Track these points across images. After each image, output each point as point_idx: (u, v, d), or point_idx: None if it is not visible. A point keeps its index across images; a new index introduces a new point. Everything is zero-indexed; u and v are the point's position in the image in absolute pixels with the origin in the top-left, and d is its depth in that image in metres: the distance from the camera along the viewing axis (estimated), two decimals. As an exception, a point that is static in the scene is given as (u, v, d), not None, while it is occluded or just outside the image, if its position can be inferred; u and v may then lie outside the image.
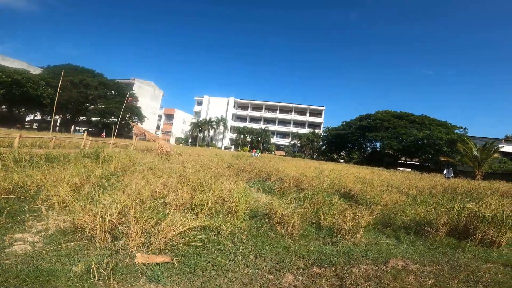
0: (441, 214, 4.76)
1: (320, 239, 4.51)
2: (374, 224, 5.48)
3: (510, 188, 11.31)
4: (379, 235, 4.93)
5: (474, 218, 4.55)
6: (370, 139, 47.58)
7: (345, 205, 6.09)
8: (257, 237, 4.19)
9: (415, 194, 9.04)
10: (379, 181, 11.51)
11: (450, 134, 37.01)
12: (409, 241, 4.62)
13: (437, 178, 16.50)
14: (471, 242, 4.34)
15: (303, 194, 7.43)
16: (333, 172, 14.16)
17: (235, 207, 5.31)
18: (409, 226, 5.15)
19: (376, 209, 5.81)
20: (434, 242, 4.47)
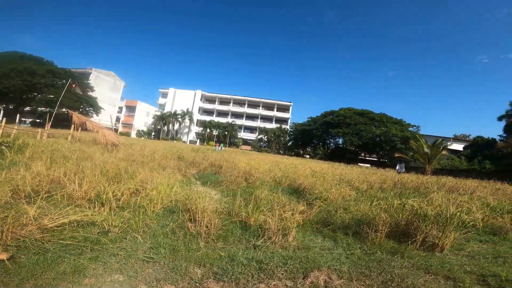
0: (380, 212, 4.28)
1: (244, 241, 3.81)
2: (314, 223, 4.94)
3: (456, 183, 11.71)
4: (316, 236, 4.35)
5: (415, 217, 4.08)
6: (333, 135, 48.94)
7: (285, 200, 5.47)
8: (158, 236, 3.40)
9: (365, 189, 8.83)
10: (333, 175, 11.27)
11: (405, 131, 39.28)
12: (346, 244, 4.07)
13: (390, 173, 16.98)
14: (412, 245, 3.86)
15: (241, 188, 6.76)
16: (289, 166, 13.77)
17: (150, 200, 4.45)
18: (350, 225, 4.64)
19: (317, 206, 5.27)
20: (373, 245, 3.94)
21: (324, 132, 49.98)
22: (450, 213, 3.94)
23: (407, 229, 4.08)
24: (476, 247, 4.20)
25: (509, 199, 8.50)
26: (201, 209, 4.07)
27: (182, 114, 69.61)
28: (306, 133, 54.21)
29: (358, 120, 46.57)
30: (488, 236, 4.82)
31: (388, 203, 4.54)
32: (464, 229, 5.45)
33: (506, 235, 4.81)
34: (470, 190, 9.92)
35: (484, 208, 6.02)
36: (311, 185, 8.03)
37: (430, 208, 4.11)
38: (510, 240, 4.55)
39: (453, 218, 3.90)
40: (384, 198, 6.43)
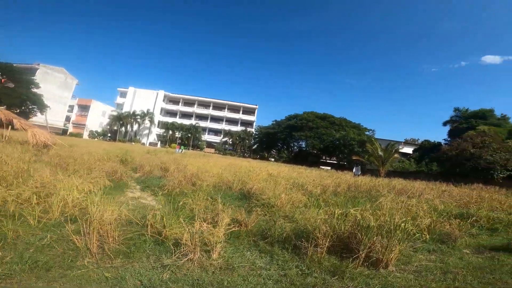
0: (319, 224, 3.74)
1: (153, 258, 3.10)
2: (252, 235, 4.28)
3: (405, 185, 12.01)
4: (251, 252, 3.68)
5: (358, 228, 3.56)
6: (297, 138, 49.71)
7: (221, 207, 4.74)
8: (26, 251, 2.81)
9: (318, 193, 8.47)
10: (288, 178, 10.85)
11: (362, 135, 41.22)
12: (283, 261, 3.45)
13: (346, 176, 17.22)
14: (355, 261, 3.35)
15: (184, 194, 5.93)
16: (247, 169, 13.13)
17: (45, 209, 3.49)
18: (290, 238, 4.05)
19: (255, 214, 4.62)
20: (312, 262, 3.35)
21: (288, 135, 50.56)
22: (394, 224, 3.48)
23: (350, 243, 3.57)
24: (424, 259, 3.84)
25: (456, 201, 8.71)
26: (98, 218, 3.19)
27: (142, 114, 65.78)
28: (270, 136, 54.42)
29: (320, 123, 47.87)
30: (437, 245, 4.54)
31: (329, 212, 4.00)
32: (413, 237, 5.25)
33: (454, 242, 4.56)
34: (418, 193, 10.11)
35: (431, 213, 5.85)
36: (260, 190, 7.42)
37: (373, 218, 3.65)
38: (459, 249, 4.30)
39: (397, 229, 3.45)
40: (334, 204, 6.02)
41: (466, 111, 37.92)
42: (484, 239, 4.96)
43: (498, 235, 5.26)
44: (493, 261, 3.62)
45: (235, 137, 64.31)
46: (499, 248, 4.26)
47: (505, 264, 3.44)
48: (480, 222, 5.98)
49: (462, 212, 6.70)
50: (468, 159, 22.76)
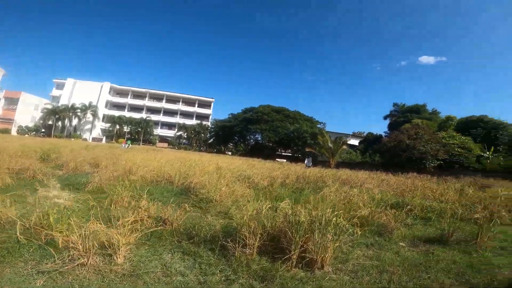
0: (246, 221, 3.32)
1: (32, 263, 2.60)
2: (177, 235, 3.72)
3: (350, 175, 12.47)
4: (173, 254, 3.17)
5: (289, 225, 3.21)
6: (252, 131, 49.80)
7: (145, 204, 4.08)
8: None
9: (265, 185, 8.20)
10: (237, 171, 10.43)
11: (314, 128, 42.99)
12: (207, 264, 2.97)
13: (297, 167, 17.51)
14: (288, 262, 3.02)
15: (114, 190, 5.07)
16: (195, 162, 12.36)
17: None
18: (218, 237, 3.58)
19: (183, 210, 4.05)
20: (239, 266, 2.95)
21: (244, 128, 50.34)
22: (326, 219, 3.18)
23: (281, 242, 3.21)
24: (362, 256, 3.69)
25: (393, 190, 9.12)
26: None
27: (83, 108, 59.38)
28: (227, 129, 53.63)
29: (275, 117, 48.57)
30: (374, 238, 4.48)
31: (256, 207, 3.60)
32: (347, 232, 5.14)
33: (391, 234, 4.54)
34: (361, 182, 10.51)
35: (371, 202, 5.87)
36: (201, 183, 6.84)
37: (306, 212, 3.34)
38: (395, 242, 4.26)
39: (328, 225, 3.15)
40: (277, 197, 5.73)
41: (403, 106, 41.85)
42: (419, 230, 5.05)
43: (431, 224, 5.41)
44: (428, 256, 3.59)
45: (190, 131, 61.99)
46: (433, 240, 4.32)
47: (439, 260, 3.41)
48: (414, 211, 6.15)
49: (398, 201, 6.90)
50: (404, 150, 25.04)
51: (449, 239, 4.21)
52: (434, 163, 24.58)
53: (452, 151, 25.65)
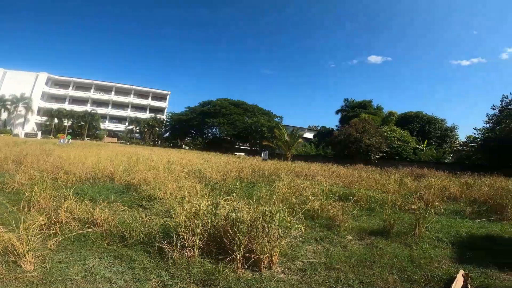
0: (182, 220, 3.03)
1: None
2: (108, 237, 3.28)
3: (303, 168, 12.78)
4: (101, 259, 2.79)
5: (231, 223, 2.98)
6: (210, 125, 48.80)
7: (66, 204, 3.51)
8: None
9: (217, 180, 7.92)
10: (189, 165, 9.95)
11: (271, 121, 43.69)
12: (142, 269, 2.66)
13: (253, 160, 17.50)
14: (232, 263, 2.82)
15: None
16: (143, 157, 11.49)
17: None
18: (155, 238, 3.23)
19: (112, 210, 3.58)
20: (178, 269, 2.69)
21: (201, 122, 49.03)
22: (269, 216, 3.01)
23: (224, 242, 2.99)
24: (311, 251, 3.66)
25: (342, 182, 9.52)
26: None
27: (13, 100, 51.70)
28: (184, 123, 51.70)
29: (233, 110, 48.15)
30: (324, 231, 4.51)
31: (195, 204, 3.31)
32: (301, 223, 5.17)
33: (339, 227, 4.60)
34: (313, 174, 10.82)
35: (321, 194, 5.96)
36: (146, 180, 6.30)
37: (249, 209, 3.16)
38: (343, 236, 4.32)
39: (272, 222, 2.97)
40: (228, 191, 5.49)
41: (353, 101, 44.74)
42: (365, 221, 5.21)
43: (375, 215, 5.61)
44: (373, 250, 3.67)
45: (143, 125, 58.18)
46: (377, 232, 4.46)
47: (383, 254, 3.49)
48: (360, 202, 6.36)
49: (346, 192, 7.15)
50: (352, 142, 26.79)
51: (391, 231, 4.38)
52: (378, 155, 26.78)
53: (393, 143, 28.28)
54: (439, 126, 33.84)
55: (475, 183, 9.03)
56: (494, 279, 2.77)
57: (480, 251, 3.60)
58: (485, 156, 22.73)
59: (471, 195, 7.48)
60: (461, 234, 4.42)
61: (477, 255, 3.44)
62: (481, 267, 3.06)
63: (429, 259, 3.33)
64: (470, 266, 3.12)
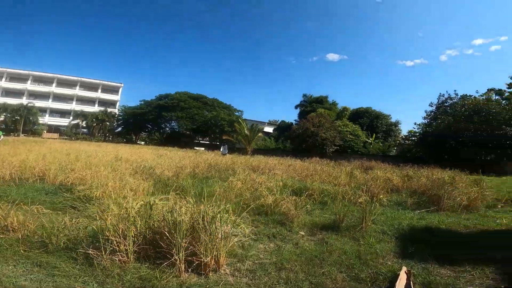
0: (109, 223, 2.70)
1: None
2: (25, 243, 2.80)
3: (261, 162, 12.78)
4: (16, 267, 2.47)
5: (169, 225, 2.69)
6: (168, 119, 46.66)
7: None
8: None
9: (169, 177, 7.44)
10: (139, 161, 9.24)
11: (232, 116, 43.29)
12: (65, 276, 2.37)
13: (213, 155, 17.11)
14: (173, 268, 2.58)
15: None
16: (83, 154, 10.38)
17: None
18: (80, 243, 2.83)
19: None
20: (109, 276, 2.40)
21: (158, 115, 46.56)
22: (212, 216, 2.78)
23: (161, 245, 2.70)
24: (263, 250, 3.53)
25: (298, 175, 9.63)
26: None
27: None
28: (138, 117, 48.54)
29: (192, 104, 46.59)
30: (277, 228, 4.42)
31: (126, 205, 2.98)
32: (257, 217, 4.89)
33: (292, 223, 4.55)
34: (270, 168, 10.84)
35: (276, 189, 5.88)
36: (83, 178, 5.63)
37: (185, 209, 2.90)
38: (295, 232, 4.27)
39: (213, 223, 2.75)
40: (177, 188, 5.10)
41: (311, 97, 46.35)
42: (317, 215, 5.26)
43: (327, 209, 5.69)
44: (324, 246, 3.66)
45: (91, 119, 53.17)
46: (328, 227, 4.50)
47: (333, 251, 3.48)
48: (314, 195, 6.46)
49: (301, 186, 7.19)
50: (309, 136, 27.83)
51: (341, 225, 4.45)
52: (333, 148, 28.25)
53: (346, 137, 30.07)
54: (385, 121, 36.86)
55: (415, 175, 9.72)
56: (435, 275, 2.85)
57: (421, 244, 3.74)
58: (423, 149, 25.36)
59: (411, 186, 8.00)
60: (403, 226, 4.60)
61: (418, 248, 3.55)
62: (422, 262, 3.15)
63: (375, 254, 3.38)
64: (412, 261, 3.20)
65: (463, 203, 5.84)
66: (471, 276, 2.81)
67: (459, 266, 3.03)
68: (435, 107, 27.72)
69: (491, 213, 5.70)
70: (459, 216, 5.39)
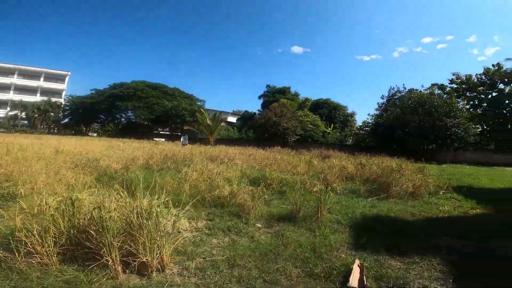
0: (19, 223, 2.32)
1: None
2: None
3: (221, 152, 12.49)
4: None
5: (96, 223, 2.35)
6: (123, 108, 43.52)
7: None
8: None
9: (117, 169, 6.81)
10: (84, 154, 8.35)
11: (193, 105, 41.88)
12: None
13: (172, 145, 16.34)
14: (104, 270, 2.28)
15: None
16: (16, 147, 9.08)
17: None
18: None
19: None
20: (27, 279, 2.12)
21: (112, 105, 43.11)
22: (148, 212, 2.47)
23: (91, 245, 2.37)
24: (216, 246, 3.32)
25: (258, 164, 9.53)
26: None
27: None
28: (89, 107, 44.44)
29: (151, 93, 43.99)
30: (232, 220, 4.24)
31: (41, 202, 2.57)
32: (213, 209, 4.70)
33: (248, 215, 4.38)
34: (231, 158, 10.63)
35: (234, 179, 5.68)
36: (6, 174, 4.84)
37: (115, 205, 2.57)
38: (252, 224, 4.10)
39: (149, 219, 2.46)
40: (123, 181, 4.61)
41: (274, 87, 46.65)
42: (275, 205, 5.17)
43: (286, 198, 5.61)
44: (279, 239, 3.55)
45: (32, 110, 47.25)
46: (285, 218, 4.42)
47: (288, 244, 3.39)
48: (272, 185, 6.38)
49: (259, 176, 7.10)
50: (272, 125, 28.11)
51: (298, 216, 4.40)
52: (294, 138, 28.97)
53: (306, 127, 30.99)
54: (343, 112, 38.73)
55: (367, 163, 10.17)
56: (387, 267, 2.86)
57: (372, 233, 3.83)
58: (375, 139, 27.19)
59: (364, 174, 8.33)
60: (356, 215, 4.68)
61: (370, 238, 3.58)
62: (374, 253, 3.18)
63: (329, 246, 3.35)
64: (365, 252, 3.21)
65: (409, 190, 6.19)
66: (420, 268, 2.87)
67: (408, 257, 3.10)
68: (386, 100, 29.79)
69: (434, 200, 6.08)
70: (406, 203, 5.68)
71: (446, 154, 22.57)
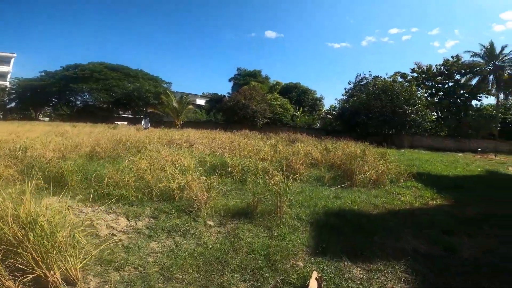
0: None
1: None
2: None
3: (183, 135, 11.79)
4: None
5: None
6: (78, 91, 39.73)
7: None
8: None
9: (50, 158, 5.85)
10: (9, 143, 7.16)
11: (158, 87, 39.50)
12: None
13: (130, 129, 15.13)
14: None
15: None
16: None
17: None
18: None
19: None
20: None
21: (65, 88, 39.10)
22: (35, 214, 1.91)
23: None
24: (155, 251, 2.82)
25: (221, 149, 8.91)
26: None
27: None
28: (38, 90, 39.93)
29: (110, 75, 40.43)
30: (181, 217, 3.73)
31: None
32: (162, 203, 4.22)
33: (199, 211, 3.87)
34: (192, 142, 9.98)
35: (190, 167, 5.11)
36: None
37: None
38: (203, 222, 3.62)
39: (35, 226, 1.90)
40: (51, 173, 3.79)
41: (245, 70, 45.52)
42: (233, 197, 4.76)
43: (247, 189, 5.14)
44: (230, 242, 3.11)
45: (-31, 92, 41.32)
46: (242, 213, 3.97)
47: (239, 248, 2.96)
48: (234, 173, 5.91)
49: (218, 163, 6.58)
50: (241, 108, 27.48)
51: (255, 211, 3.95)
52: (263, 121, 28.71)
53: (276, 110, 30.81)
54: (311, 96, 39.04)
55: (333, 148, 10.04)
56: (348, 278, 2.51)
57: (334, 232, 3.53)
58: (341, 123, 27.92)
59: (329, 159, 8.13)
60: (319, 209, 4.37)
61: (331, 240, 3.24)
62: (335, 259, 2.82)
63: (286, 252, 2.92)
64: (325, 259, 2.83)
65: (372, 178, 6.11)
66: (383, 277, 2.56)
67: (372, 263, 2.79)
68: (352, 86, 30.44)
69: (395, 189, 6.04)
70: (369, 193, 5.58)
71: (404, 139, 23.86)
